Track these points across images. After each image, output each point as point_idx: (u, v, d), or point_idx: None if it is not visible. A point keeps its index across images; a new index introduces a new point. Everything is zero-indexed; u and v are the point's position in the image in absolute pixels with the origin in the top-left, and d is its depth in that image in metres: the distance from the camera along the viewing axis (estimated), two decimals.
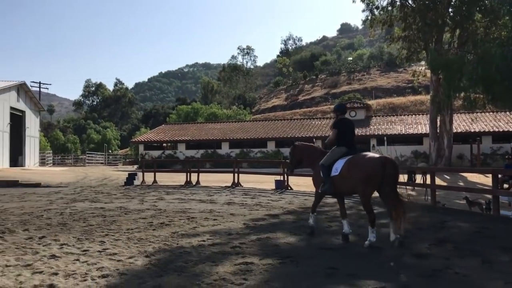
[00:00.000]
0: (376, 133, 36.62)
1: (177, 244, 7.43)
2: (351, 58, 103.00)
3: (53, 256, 6.58)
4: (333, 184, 7.56)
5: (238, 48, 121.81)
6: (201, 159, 35.47)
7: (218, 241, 7.61)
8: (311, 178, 8.72)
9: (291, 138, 38.28)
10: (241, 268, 5.90)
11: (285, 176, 18.35)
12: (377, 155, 7.48)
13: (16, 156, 33.30)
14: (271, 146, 38.84)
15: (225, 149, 39.64)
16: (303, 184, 19.85)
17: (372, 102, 60.81)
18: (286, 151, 37.65)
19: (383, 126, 38.22)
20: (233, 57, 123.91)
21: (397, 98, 68.57)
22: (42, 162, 43.20)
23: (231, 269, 5.83)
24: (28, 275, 5.61)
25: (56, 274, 5.63)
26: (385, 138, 35.78)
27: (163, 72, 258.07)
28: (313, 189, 8.61)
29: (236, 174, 19.77)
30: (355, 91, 73.54)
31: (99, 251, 6.93)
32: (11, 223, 9.75)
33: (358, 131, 37.19)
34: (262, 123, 46.11)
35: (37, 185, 20.46)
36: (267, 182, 20.62)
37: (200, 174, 21.08)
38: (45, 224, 9.53)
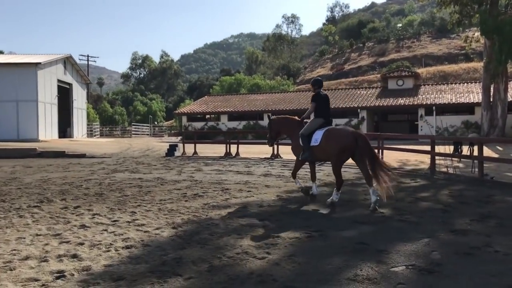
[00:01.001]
0: (424, 103, 35.14)
1: (207, 215, 7.36)
2: (400, 25, 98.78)
3: (83, 226, 6.66)
4: (312, 153, 8.48)
5: (283, 16, 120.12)
6: (243, 130, 35.52)
7: (248, 213, 7.47)
8: None
9: (335, 108, 37.47)
10: (267, 241, 5.72)
11: None
12: (350, 129, 8.37)
13: (65, 128, 34.51)
14: None
15: (267, 120, 39.34)
16: None
17: (421, 70, 58.39)
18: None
19: (432, 95, 36.62)
20: (278, 26, 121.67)
21: (449, 65, 65.44)
22: (90, 134, 44.68)
23: (256, 243, 5.67)
24: (55, 244, 5.68)
25: (82, 244, 5.67)
26: (433, 107, 34.37)
27: (209, 43, 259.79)
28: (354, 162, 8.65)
29: (276, 146, 19.50)
30: (404, 59, 70.87)
31: (128, 221, 6.96)
32: (51, 192, 10.03)
33: (406, 101, 35.90)
34: (306, 93, 45.30)
35: (82, 155, 21.08)
36: None
37: (242, 145, 21.01)
38: (82, 194, 9.73)
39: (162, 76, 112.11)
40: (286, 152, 20.48)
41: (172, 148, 21.27)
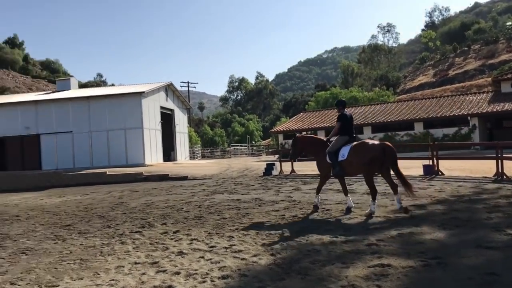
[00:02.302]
0: None
1: (307, 240, 6.83)
2: (510, 23, 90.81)
3: (180, 253, 6.50)
4: (342, 168, 8.95)
5: (378, 26, 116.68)
6: None
7: (352, 238, 6.80)
8: (467, 161, 8.34)
9: (442, 117, 34.97)
10: (376, 271, 5.05)
11: (435, 160, 16.49)
12: (377, 142, 8.90)
13: (169, 152, 36.12)
14: (418, 128, 35.98)
15: (367, 134, 37.88)
16: (457, 168, 17.73)
17: None
18: (436, 132, 34.53)
19: None
20: (373, 36, 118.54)
21: None
22: (192, 156, 46.40)
23: (364, 273, 5.03)
24: (152, 274, 5.53)
25: (178, 273, 5.47)
26: None
27: (302, 60, 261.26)
28: (471, 174, 8.26)
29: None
30: None
31: (225, 247, 6.68)
32: (153, 217, 10.18)
33: None
34: (408, 103, 43.02)
35: (185, 178, 21.66)
36: (414, 167, 18.90)
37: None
38: (182, 218, 9.73)
39: (258, 96, 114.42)
40: None
41: (270, 167, 21.05)
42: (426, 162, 17.17)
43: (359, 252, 5.94)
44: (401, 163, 20.55)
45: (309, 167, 22.44)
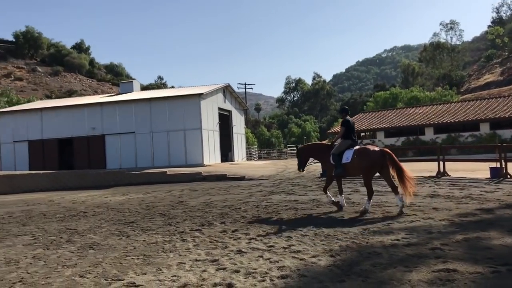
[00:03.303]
0: None
1: (367, 242, 6.69)
2: None
3: (239, 252, 6.56)
4: (344, 169, 9.81)
5: (441, 24, 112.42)
6: (402, 147, 33.64)
7: (415, 241, 6.58)
8: None
9: (511, 117, 33.12)
10: (440, 276, 4.86)
11: (503, 163, 15.67)
12: (377, 148, 9.67)
13: (226, 152, 36.68)
14: (484, 129, 34.30)
15: (429, 135, 36.60)
16: None
17: None
18: (504, 133, 32.79)
19: None
20: (435, 34, 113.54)
21: None
22: (249, 157, 46.83)
23: (427, 277, 4.85)
24: (212, 271, 5.62)
25: (237, 271, 5.52)
26: None
27: (360, 60, 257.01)
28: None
29: (441, 162, 17.76)
30: None
31: (284, 247, 6.67)
32: (212, 215, 10.37)
33: None
34: (473, 103, 41.13)
35: (242, 178, 21.90)
36: (480, 170, 18.09)
37: (402, 163, 19.59)
38: (240, 217, 9.83)
39: (315, 97, 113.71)
40: (454, 169, 18.53)
41: None
42: (493, 164, 16.39)
43: (422, 256, 5.74)
44: (466, 165, 19.82)
45: None
